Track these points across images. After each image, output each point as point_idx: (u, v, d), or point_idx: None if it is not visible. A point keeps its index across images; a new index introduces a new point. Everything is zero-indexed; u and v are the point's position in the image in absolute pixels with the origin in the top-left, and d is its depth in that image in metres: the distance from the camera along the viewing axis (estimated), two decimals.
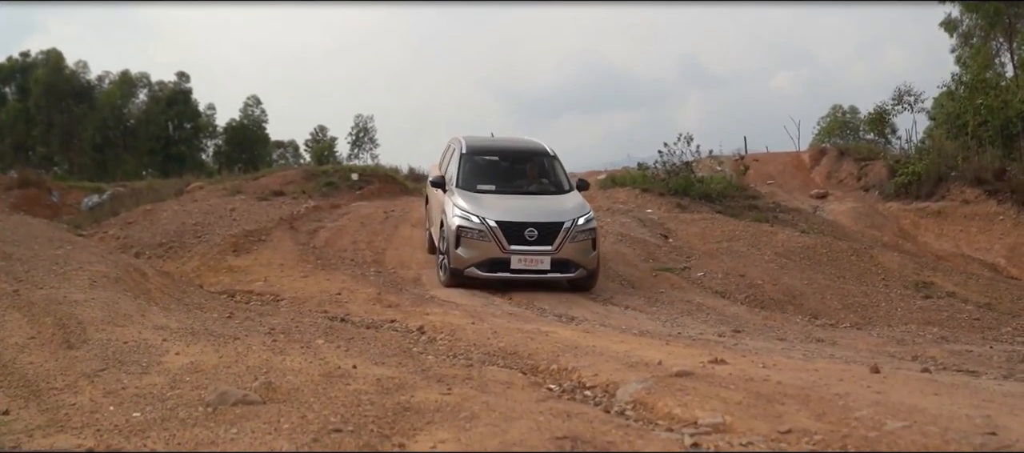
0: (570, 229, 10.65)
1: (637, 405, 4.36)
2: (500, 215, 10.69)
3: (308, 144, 70.83)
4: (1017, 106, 22.22)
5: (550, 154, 12.63)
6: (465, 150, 12.12)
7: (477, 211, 10.72)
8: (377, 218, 16.56)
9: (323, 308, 9.20)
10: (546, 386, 5.01)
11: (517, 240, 10.53)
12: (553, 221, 10.72)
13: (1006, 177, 18.62)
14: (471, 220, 10.63)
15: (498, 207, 10.93)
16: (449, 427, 3.65)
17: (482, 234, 10.53)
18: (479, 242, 10.53)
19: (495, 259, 10.53)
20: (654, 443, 3.43)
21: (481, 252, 10.53)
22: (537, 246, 10.55)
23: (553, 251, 10.56)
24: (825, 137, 39.77)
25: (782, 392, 4.45)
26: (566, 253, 10.59)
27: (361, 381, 4.59)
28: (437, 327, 7.65)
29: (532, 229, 10.57)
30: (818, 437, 3.52)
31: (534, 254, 10.54)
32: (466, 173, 11.82)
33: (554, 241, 10.58)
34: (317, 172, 22.35)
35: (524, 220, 10.66)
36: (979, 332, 9.80)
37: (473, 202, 10.98)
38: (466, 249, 10.57)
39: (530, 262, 10.53)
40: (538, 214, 10.87)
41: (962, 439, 3.28)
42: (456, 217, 10.71)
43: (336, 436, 3.48)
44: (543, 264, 10.56)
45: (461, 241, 10.59)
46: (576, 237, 10.65)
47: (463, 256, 10.57)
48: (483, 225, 10.55)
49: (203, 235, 14.02)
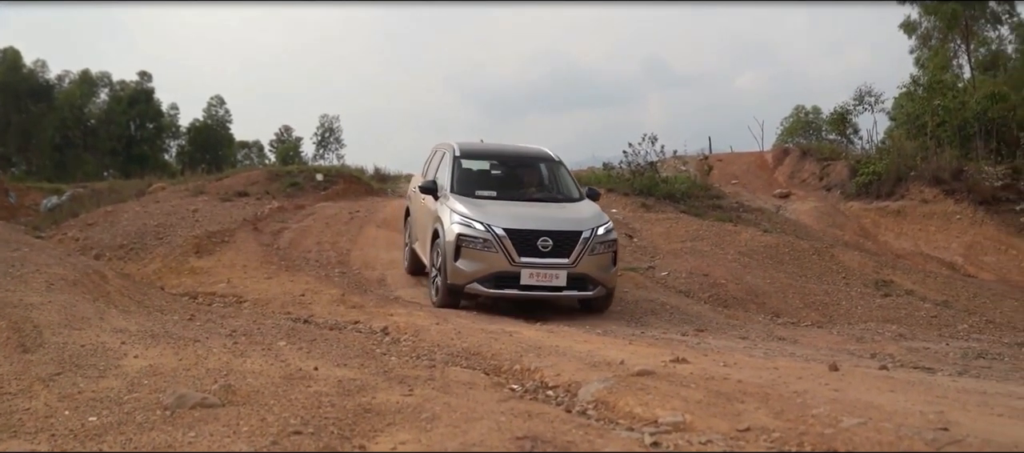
0: (589, 240, 9.26)
1: (598, 404, 4.38)
2: (508, 222, 9.26)
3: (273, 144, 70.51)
4: (973, 107, 22.61)
5: (555, 160, 11.35)
6: (458, 153, 10.73)
7: (481, 217, 9.31)
8: (342, 219, 16.48)
9: (286, 310, 9.14)
10: (509, 386, 5.02)
11: (528, 251, 9.10)
12: (570, 230, 9.31)
13: (963, 177, 18.97)
14: (474, 227, 9.21)
15: (505, 214, 9.50)
16: (410, 428, 3.64)
17: (487, 244, 9.10)
18: (483, 253, 9.11)
19: (502, 273, 9.10)
20: (614, 442, 3.45)
21: (486, 265, 9.12)
22: (551, 258, 9.13)
23: (570, 265, 9.14)
24: (788, 137, 40.20)
25: (742, 390, 4.49)
26: (584, 268, 9.22)
27: (322, 383, 4.56)
28: (401, 328, 7.63)
29: (546, 239, 9.13)
30: (776, 435, 3.55)
31: (548, 268, 9.09)
32: (462, 178, 10.46)
33: (571, 253, 9.16)
34: (281, 172, 22.19)
35: (537, 228, 9.23)
36: (936, 329, 9.96)
37: (475, 208, 9.59)
38: (467, 262, 9.17)
39: (543, 278, 9.07)
40: (552, 222, 9.45)
41: (915, 435, 3.33)
42: (456, 224, 9.31)
43: (296, 438, 3.45)
44: (558, 280, 9.11)
45: (461, 252, 9.19)
46: (595, 249, 9.28)
47: (464, 270, 9.17)
48: (488, 233, 9.12)
49: (165, 236, 13.86)
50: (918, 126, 24.37)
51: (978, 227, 17.46)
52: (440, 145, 11.68)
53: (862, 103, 28.24)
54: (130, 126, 60.20)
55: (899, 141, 23.39)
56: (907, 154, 20.92)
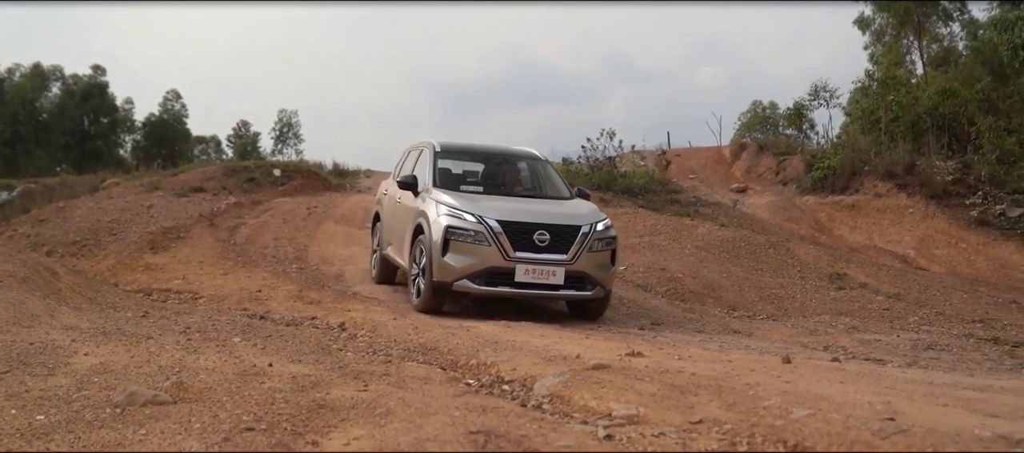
0: (588, 236, 8.67)
1: (554, 398, 4.40)
2: (503, 214, 8.63)
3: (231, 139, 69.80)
4: (926, 103, 22.99)
5: (540, 158, 10.90)
6: (438, 149, 10.14)
7: (472, 209, 8.67)
8: (300, 214, 16.37)
9: (243, 306, 9.05)
10: (465, 381, 5.02)
11: (524, 246, 8.46)
12: (568, 224, 8.73)
13: (915, 171, 19.30)
14: (465, 219, 8.55)
15: (496, 206, 8.87)
16: (364, 424, 3.63)
17: (479, 237, 8.44)
18: (475, 247, 8.45)
19: (495, 269, 8.45)
20: (568, 436, 3.47)
21: (477, 260, 8.44)
22: (549, 254, 8.49)
23: (568, 261, 8.53)
24: (746, 132, 40.63)
25: (696, 383, 4.54)
26: (583, 265, 8.60)
27: (276, 379, 4.53)
28: (358, 323, 7.60)
29: (543, 232, 8.50)
30: (728, 427, 3.59)
31: (545, 264, 8.45)
32: (444, 174, 9.94)
33: (569, 249, 8.55)
34: (238, 167, 21.95)
35: (533, 221, 8.61)
36: (888, 322, 10.13)
37: (464, 199, 8.97)
38: (457, 256, 8.50)
39: (539, 275, 8.44)
40: (548, 216, 8.82)
41: (862, 425, 3.38)
42: (443, 216, 8.65)
43: (248, 435, 3.43)
44: (555, 277, 8.47)
45: (450, 246, 8.50)
46: (594, 246, 8.70)
47: (452, 265, 8.48)
48: (481, 225, 8.45)
49: (119, 232, 13.66)
50: (872, 121, 24.73)
51: (930, 221, 17.78)
52: (416, 144, 11.09)
53: (817, 98, 28.66)
54: (83, 121, 59.21)
55: (854, 136, 23.76)
56: (861, 149, 21.26)
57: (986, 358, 7.29)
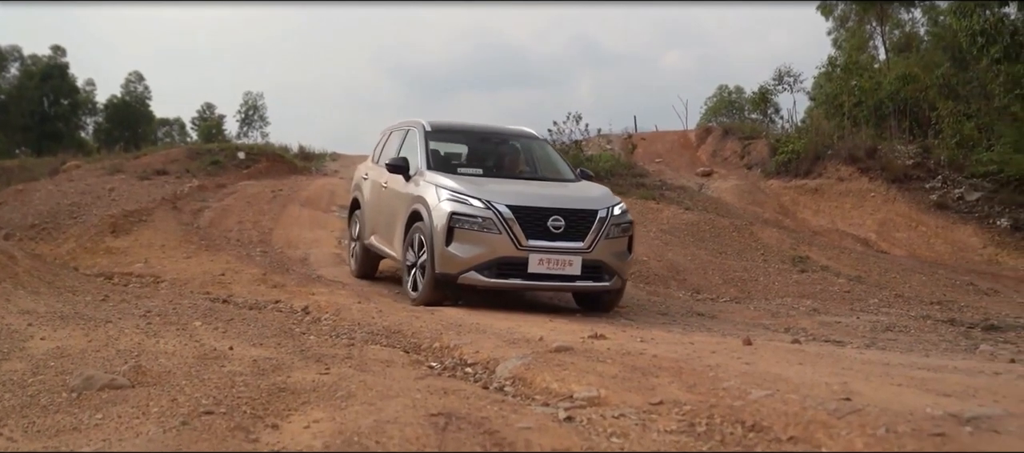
0: (606, 221, 7.94)
1: (516, 381, 4.41)
2: (513, 198, 7.84)
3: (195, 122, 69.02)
4: (888, 88, 23.25)
5: (540, 138, 10.30)
6: (429, 129, 9.29)
7: (478, 193, 7.89)
8: (265, 197, 16.25)
9: (205, 289, 8.98)
10: (427, 364, 5.03)
11: (537, 233, 7.70)
12: (584, 208, 7.99)
13: (877, 155, 19.52)
14: (471, 204, 7.75)
15: (503, 190, 8.07)
16: (324, 407, 3.62)
17: (487, 224, 7.65)
18: (483, 235, 7.66)
19: (506, 259, 7.66)
20: (528, 417, 3.48)
21: (486, 249, 7.66)
22: (564, 242, 7.76)
23: (585, 250, 7.79)
24: (712, 116, 40.89)
25: (657, 365, 4.57)
26: (600, 254, 7.86)
27: (237, 362, 4.51)
28: (322, 307, 7.58)
29: (558, 217, 7.74)
30: (687, 408, 3.62)
31: (560, 253, 7.70)
32: (438, 155, 9.15)
33: (586, 236, 7.82)
34: (202, 150, 21.73)
35: (547, 206, 7.86)
36: (848, 304, 10.26)
37: (467, 183, 8.17)
38: (463, 246, 7.69)
39: (555, 265, 7.69)
40: (561, 200, 8.08)
41: (819, 405, 3.43)
42: (447, 202, 7.84)
43: (207, 418, 3.41)
44: (572, 267, 7.73)
45: (454, 234, 7.69)
46: (611, 232, 7.97)
47: (458, 256, 7.67)
48: (490, 211, 7.67)
49: (80, 216, 13.47)
50: (836, 106, 25.00)
51: (891, 204, 18.01)
52: (400, 123, 10.28)
53: (782, 83, 28.92)
54: (43, 102, 58.16)
55: (817, 121, 24.01)
56: (825, 133, 21.47)
57: (942, 339, 7.41)
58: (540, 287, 8.18)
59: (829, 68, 28.81)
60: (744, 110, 40.23)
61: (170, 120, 69.52)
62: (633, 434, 3.25)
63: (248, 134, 64.87)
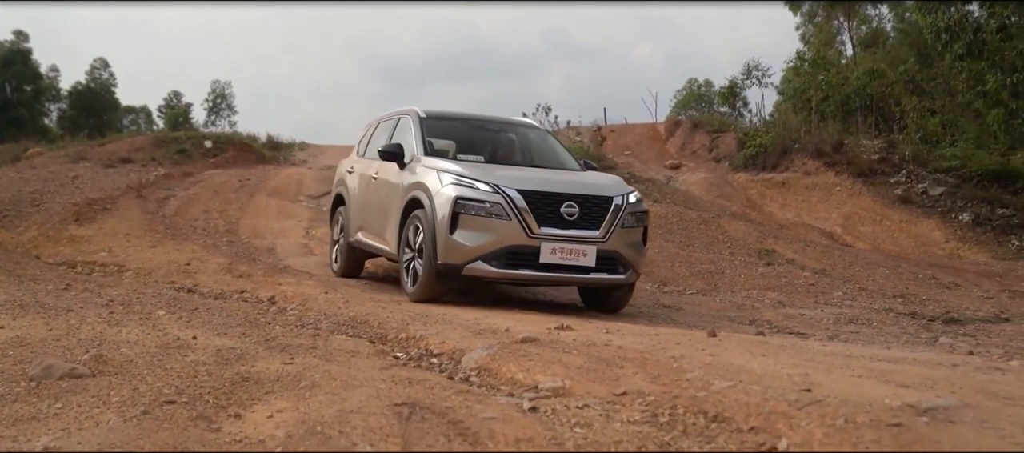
0: (621, 209, 7.50)
1: (481, 371, 4.42)
2: (523, 183, 7.37)
3: (162, 110, 68.32)
4: (854, 83, 23.49)
5: (540, 128, 9.98)
6: (424, 116, 8.84)
7: (485, 177, 7.41)
8: (232, 186, 16.14)
9: (170, 279, 8.90)
10: (393, 354, 5.02)
11: (549, 220, 7.22)
12: (598, 195, 7.52)
13: (843, 150, 19.72)
14: (477, 189, 7.26)
15: (512, 175, 7.64)
16: (288, 396, 3.61)
17: (496, 209, 7.15)
18: (492, 221, 7.16)
19: (516, 248, 7.16)
20: (492, 408, 3.49)
21: (495, 237, 7.15)
22: (578, 230, 7.29)
23: (600, 239, 7.34)
24: (681, 109, 41.14)
25: (622, 356, 4.60)
26: (615, 244, 7.41)
27: (200, 352, 4.47)
28: (289, 297, 7.54)
29: (571, 204, 7.28)
30: (651, 398, 3.65)
31: (574, 242, 7.24)
32: (443, 138, 8.82)
33: (600, 225, 7.37)
34: (168, 138, 21.56)
35: (560, 191, 7.38)
36: (813, 296, 10.37)
37: (473, 167, 7.75)
38: (469, 233, 7.19)
39: (568, 255, 7.21)
40: (573, 186, 7.58)
41: (780, 396, 3.47)
42: (451, 186, 7.35)
43: (169, 408, 3.38)
44: (586, 258, 7.27)
45: (460, 221, 7.20)
46: (626, 222, 7.54)
47: (464, 244, 7.18)
48: (499, 195, 7.18)
49: (42, 203, 13.28)
50: (804, 101, 25.24)
51: (856, 198, 18.20)
52: (389, 113, 9.87)
53: (750, 77, 29.11)
54: (5, 88, 57.19)
55: (785, 115, 24.20)
56: (792, 127, 21.66)
57: (903, 331, 7.52)
58: (551, 280, 7.52)
59: (797, 63, 29.06)
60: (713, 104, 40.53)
61: (136, 108, 68.87)
62: (596, 424, 3.27)
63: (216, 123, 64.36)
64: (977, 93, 17.61)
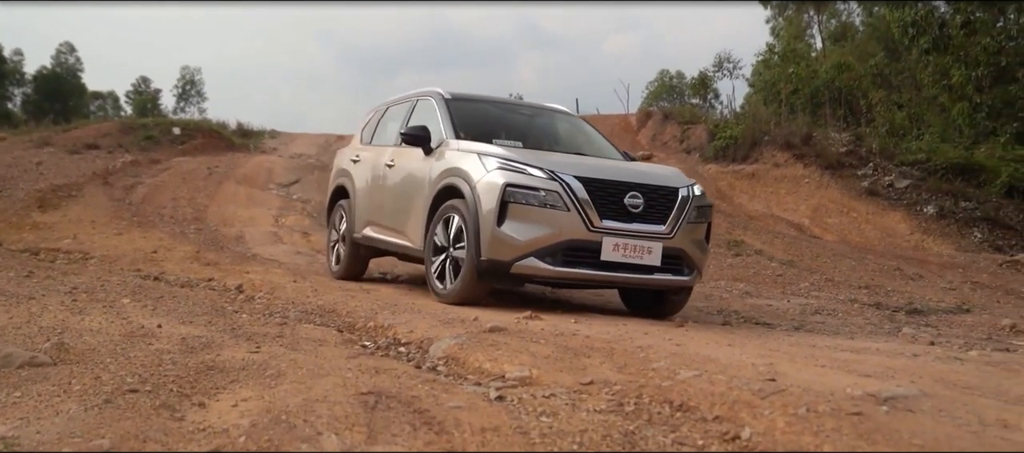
0: (688, 201, 6.63)
1: (449, 360, 4.42)
2: (579, 169, 6.46)
3: (129, 96, 67.55)
4: (823, 76, 23.71)
5: (574, 115, 9.13)
6: (449, 96, 7.94)
7: (537, 161, 6.48)
8: (200, 174, 16.01)
9: (136, 266, 8.81)
10: (361, 343, 5.01)
11: (612, 212, 6.32)
12: (663, 185, 6.63)
13: (812, 142, 19.89)
14: (531, 174, 6.31)
15: (566, 160, 6.73)
16: (253, 385, 3.59)
17: (552, 199, 6.21)
18: (548, 212, 6.21)
19: (576, 243, 6.22)
20: (458, 397, 3.49)
21: (552, 230, 6.20)
22: (642, 224, 6.40)
23: (666, 235, 6.46)
24: (653, 100, 41.26)
25: (589, 346, 4.62)
26: (681, 241, 6.53)
27: (165, 340, 4.43)
28: (256, 285, 7.49)
29: (636, 194, 6.38)
30: (617, 387, 3.67)
31: (639, 237, 6.34)
32: (468, 123, 7.63)
33: (666, 219, 6.50)
34: (136, 125, 21.35)
35: (623, 179, 6.49)
36: (780, 287, 10.45)
37: (520, 152, 6.81)
38: (520, 225, 6.23)
39: (632, 251, 6.31)
40: (634, 175, 6.68)
41: (744, 385, 3.50)
42: (497, 171, 6.39)
43: (131, 396, 3.35)
44: (651, 256, 6.37)
45: (509, 211, 6.24)
46: (692, 216, 6.65)
47: (514, 238, 6.21)
48: (555, 182, 6.25)
49: (4, 190, 13.11)
50: (773, 93, 25.44)
51: (824, 190, 18.36)
52: (404, 96, 8.89)
53: (721, 69, 29.27)
54: None
55: (755, 107, 24.36)
56: (762, 120, 21.80)
57: (868, 322, 7.61)
58: (611, 281, 6.59)
59: (767, 56, 29.29)
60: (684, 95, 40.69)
61: (103, 93, 68.01)
62: (562, 413, 3.28)
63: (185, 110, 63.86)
64: (942, 87, 17.84)
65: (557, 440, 2.96)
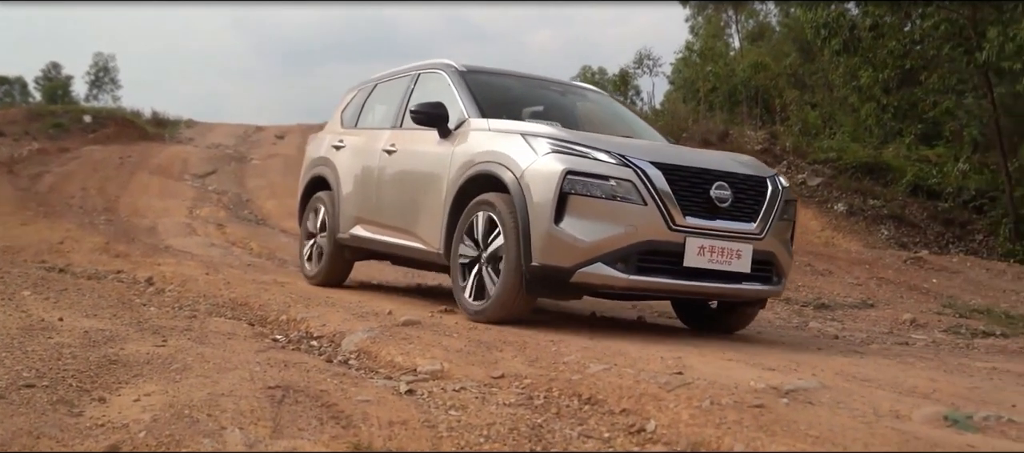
0: (779, 195, 5.46)
1: (361, 354, 4.40)
2: (652, 154, 5.27)
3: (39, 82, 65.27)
4: (741, 75, 24.22)
5: (603, 92, 8.07)
6: (463, 69, 6.64)
7: (603, 145, 5.25)
8: (111, 163, 15.60)
9: (41, 258, 8.53)
10: (272, 337, 4.94)
11: (695, 207, 5.12)
12: (751, 174, 5.50)
13: (728, 139, 20.28)
14: (596, 159, 5.09)
15: (632, 144, 5.51)
16: (157, 379, 3.51)
17: (624, 189, 4.99)
18: (619, 206, 4.99)
19: (654, 245, 5.01)
20: (368, 391, 3.48)
21: (625, 228, 4.97)
22: (729, 221, 5.22)
23: (756, 235, 5.30)
24: None
25: (502, 339, 4.64)
26: (771, 243, 5.39)
27: (66, 334, 4.30)
28: (168, 278, 7.31)
29: (723, 185, 5.19)
30: (528, 381, 3.70)
31: (727, 238, 5.17)
32: (490, 101, 6.30)
33: (756, 215, 5.34)
34: (44, 112, 20.74)
35: (707, 166, 5.33)
36: None
37: (574, 132, 5.65)
38: (584, 222, 4.98)
39: (719, 255, 5.12)
40: (715, 161, 5.56)
41: (651, 378, 3.57)
42: (553, 155, 5.15)
43: (26, 392, 3.24)
44: (740, 261, 5.20)
45: (569, 205, 5.00)
46: (782, 214, 5.51)
47: (577, 238, 4.97)
48: (627, 168, 5.03)
49: None
50: (692, 91, 25.89)
51: None
52: (400, 70, 7.52)
53: (642, 66, 29.66)
54: None
55: (675, 104, 24.76)
56: (681, 117, 22.16)
57: (777, 317, 7.80)
58: (695, 292, 5.38)
59: (687, 54, 29.78)
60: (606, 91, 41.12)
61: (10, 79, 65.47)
62: (471, 407, 3.30)
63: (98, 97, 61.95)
64: (852, 88, 18.39)
65: (464, 433, 2.98)
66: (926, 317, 7.73)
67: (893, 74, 16.74)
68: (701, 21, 32.72)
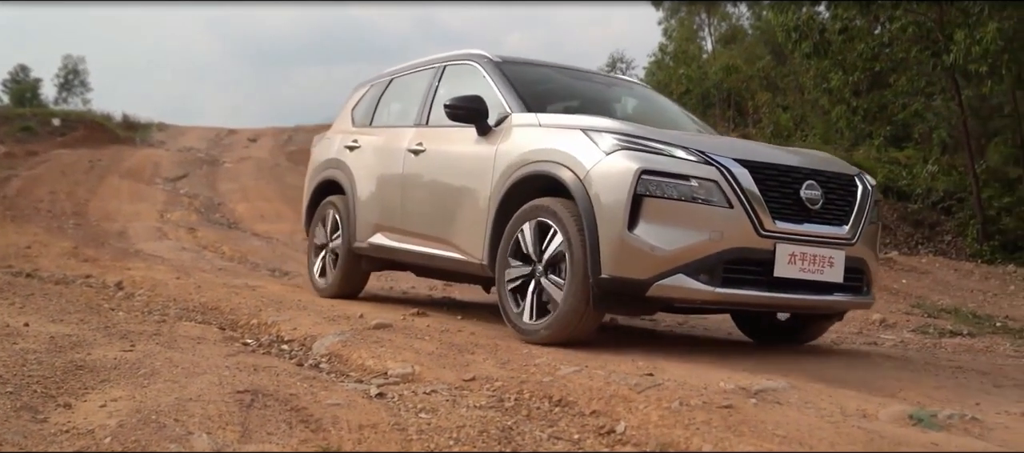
0: (868, 195, 4.97)
1: (332, 357, 4.38)
2: (735, 150, 4.70)
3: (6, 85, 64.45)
4: (713, 77, 24.37)
5: (648, 87, 7.49)
6: (498, 60, 6.00)
7: (679, 141, 4.70)
8: (81, 167, 15.45)
9: (7, 263, 8.41)
10: (242, 341, 4.91)
11: (784, 210, 4.58)
12: (841, 172, 5.02)
13: None
14: (674, 155, 4.52)
15: (710, 140, 5.09)
16: (125, 385, 3.48)
17: (708, 191, 4.42)
18: (701, 209, 4.41)
19: (741, 253, 4.45)
20: (338, 394, 3.46)
21: (710, 235, 4.40)
22: (821, 226, 4.69)
23: (848, 241, 4.77)
24: None
25: (474, 342, 4.65)
26: (862, 250, 4.88)
27: (31, 340, 4.24)
28: (137, 282, 7.24)
29: (813, 184, 4.68)
30: (499, 383, 3.70)
31: (819, 244, 4.65)
32: (532, 94, 5.67)
33: (847, 218, 4.82)
34: (12, 115, 20.58)
35: (796, 165, 4.81)
36: None
37: (644, 127, 4.93)
38: (663, 229, 4.40)
39: (812, 264, 4.59)
40: (802, 159, 5.02)
41: (622, 380, 3.58)
42: (623, 153, 4.55)
43: None
44: (833, 270, 4.67)
45: (645, 209, 4.41)
46: (873, 217, 5.02)
47: (655, 247, 4.38)
48: (710, 166, 4.46)
49: None
50: (665, 92, 25.99)
51: None
52: (420, 62, 6.95)
53: (615, 68, 29.74)
54: None
55: None
56: None
57: None
58: (784, 305, 4.93)
59: (660, 56, 29.92)
60: None
61: None
62: (442, 410, 3.29)
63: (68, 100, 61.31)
64: (823, 91, 18.54)
65: (434, 436, 2.97)
66: (895, 317, 7.80)
67: (863, 77, 16.89)
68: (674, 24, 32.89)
